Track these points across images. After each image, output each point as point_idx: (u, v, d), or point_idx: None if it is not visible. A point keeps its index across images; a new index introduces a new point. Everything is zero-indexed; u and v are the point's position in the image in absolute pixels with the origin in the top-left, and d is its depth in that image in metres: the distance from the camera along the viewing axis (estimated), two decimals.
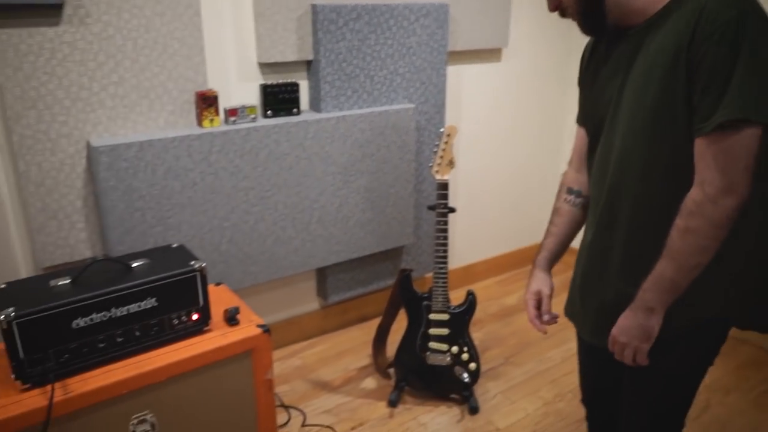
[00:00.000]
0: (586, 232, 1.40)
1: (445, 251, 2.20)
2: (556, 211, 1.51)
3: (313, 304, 2.75)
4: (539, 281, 1.49)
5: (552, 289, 1.49)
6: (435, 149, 2.18)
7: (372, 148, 2.49)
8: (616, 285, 1.28)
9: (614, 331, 1.25)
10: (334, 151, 2.39)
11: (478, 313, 2.99)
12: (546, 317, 1.47)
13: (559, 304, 1.47)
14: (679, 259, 1.14)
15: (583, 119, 1.42)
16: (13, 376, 1.51)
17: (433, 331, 2.26)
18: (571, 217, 1.47)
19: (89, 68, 1.93)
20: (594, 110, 1.32)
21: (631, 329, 1.22)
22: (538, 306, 1.48)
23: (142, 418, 1.66)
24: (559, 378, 2.51)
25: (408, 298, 2.29)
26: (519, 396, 2.39)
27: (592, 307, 1.35)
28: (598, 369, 1.51)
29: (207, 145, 2.10)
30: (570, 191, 1.48)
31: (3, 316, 1.45)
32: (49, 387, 1.52)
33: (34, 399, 1.50)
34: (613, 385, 1.44)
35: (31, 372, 1.52)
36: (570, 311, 1.47)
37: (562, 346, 2.73)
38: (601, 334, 1.32)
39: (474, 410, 2.28)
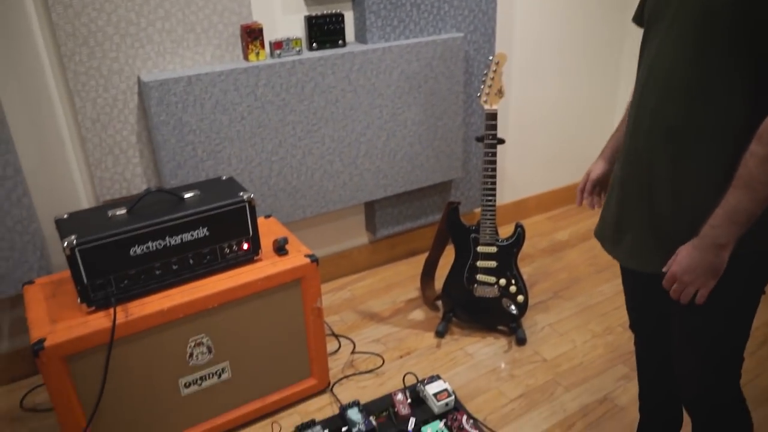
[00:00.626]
0: (624, 143, 1.33)
1: (494, 183, 2.16)
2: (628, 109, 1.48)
3: (362, 238, 2.79)
4: (593, 165, 1.55)
5: (601, 174, 1.52)
6: (483, 78, 2.12)
7: (419, 80, 2.44)
8: (663, 207, 1.23)
9: (676, 269, 1.19)
10: (380, 84, 2.36)
11: (528, 248, 2.98)
12: (586, 194, 1.55)
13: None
14: (756, 189, 1.07)
15: (639, 17, 1.34)
16: (78, 300, 1.61)
17: (480, 263, 2.26)
18: None
19: (136, 3, 1.94)
20: (653, 7, 1.23)
21: (698, 268, 1.15)
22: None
23: (198, 341, 1.75)
24: (609, 312, 2.48)
25: (455, 230, 2.28)
26: (567, 328, 2.39)
27: (632, 228, 1.31)
28: (641, 293, 1.48)
29: (253, 79, 2.10)
30: None
31: (66, 243, 1.54)
32: (111, 310, 1.62)
33: (99, 321, 1.60)
34: (659, 309, 1.41)
35: (95, 296, 1.62)
36: (601, 233, 1.43)
37: (614, 280, 2.69)
38: (641, 258, 1.29)
39: (521, 341, 2.30)
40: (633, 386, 2.08)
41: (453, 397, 1.92)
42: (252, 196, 1.76)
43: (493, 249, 2.24)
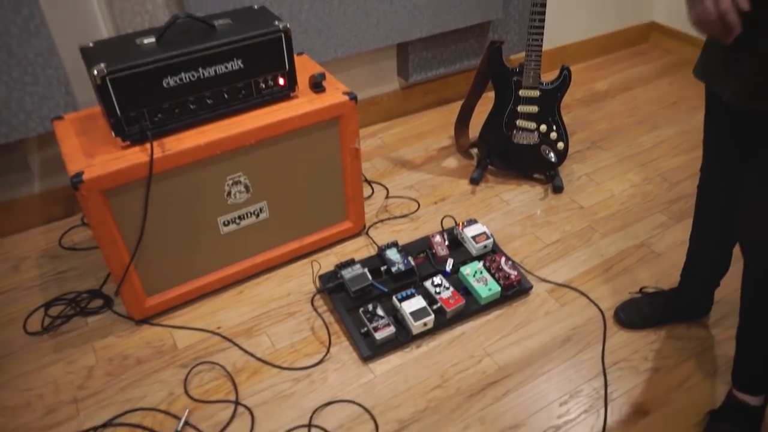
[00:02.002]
0: None
1: (542, 20, 2.00)
2: None
3: (393, 84, 2.67)
4: None
5: None
6: None
7: None
8: None
9: None
10: None
11: (565, 97, 2.85)
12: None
13: None
14: None
15: None
16: (113, 134, 1.55)
17: (521, 108, 2.16)
18: None
19: None
20: None
21: None
22: None
23: (236, 179, 1.71)
24: (648, 162, 2.41)
25: (497, 72, 2.16)
26: (605, 178, 2.34)
27: (754, 62, 1.15)
28: (736, 131, 1.35)
29: None
30: None
31: (96, 71, 1.45)
32: (147, 144, 1.56)
33: (136, 155, 1.55)
34: (747, 152, 1.32)
35: (129, 130, 1.56)
36: (707, 70, 1.31)
37: (654, 131, 2.60)
38: (755, 95, 1.17)
39: (558, 189, 2.26)
40: (671, 234, 2.06)
41: (491, 240, 1.92)
42: (288, 25, 1.63)
43: (536, 93, 2.13)
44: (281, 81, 1.70)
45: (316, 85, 1.77)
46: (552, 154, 2.20)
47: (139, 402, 1.57)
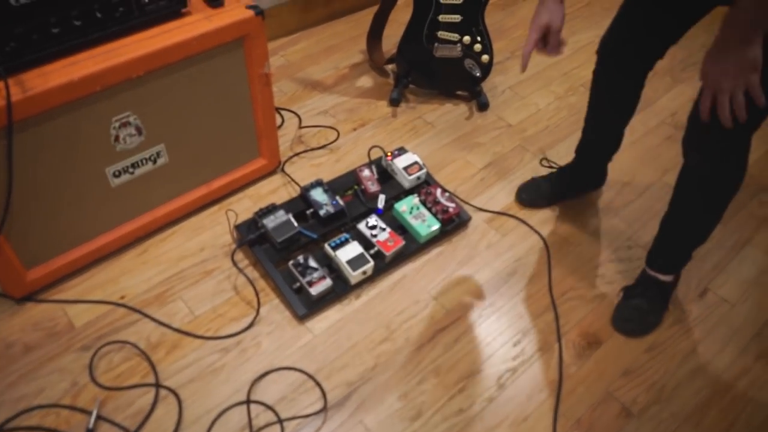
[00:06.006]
0: None
1: None
2: None
3: None
4: (550, 12, 1.25)
5: (563, 21, 1.27)
6: None
7: None
8: None
9: (709, 76, 1.05)
10: None
11: None
12: (551, 50, 1.30)
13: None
14: None
15: None
16: None
17: (443, 17, 1.94)
18: None
19: None
20: None
21: (731, 67, 1.01)
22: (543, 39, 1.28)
23: (124, 120, 1.40)
24: (570, 71, 2.31)
25: None
26: (529, 91, 2.21)
27: None
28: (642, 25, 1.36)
29: None
30: None
31: None
32: (1, 84, 1.21)
33: None
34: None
35: None
36: None
37: (571, 37, 2.48)
38: None
39: (484, 106, 2.10)
40: None
41: (425, 170, 1.75)
42: None
43: (459, 0, 1.91)
44: None
45: None
46: (476, 69, 2.03)
47: (36, 398, 1.31)
